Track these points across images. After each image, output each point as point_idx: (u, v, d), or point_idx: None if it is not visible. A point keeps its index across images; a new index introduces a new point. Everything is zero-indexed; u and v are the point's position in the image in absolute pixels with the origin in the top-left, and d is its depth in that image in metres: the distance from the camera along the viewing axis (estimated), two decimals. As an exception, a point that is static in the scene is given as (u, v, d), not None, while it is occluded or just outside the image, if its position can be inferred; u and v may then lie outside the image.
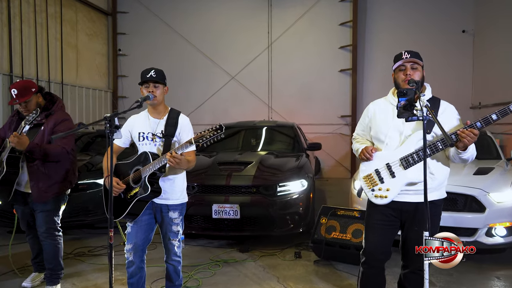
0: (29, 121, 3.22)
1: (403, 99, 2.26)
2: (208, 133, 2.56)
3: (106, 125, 2.40)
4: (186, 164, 2.83)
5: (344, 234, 4.24)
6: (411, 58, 2.67)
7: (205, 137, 2.57)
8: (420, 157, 2.56)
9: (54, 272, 3.63)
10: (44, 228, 3.52)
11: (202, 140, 2.57)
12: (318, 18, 11.37)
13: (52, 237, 3.56)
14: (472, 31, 10.65)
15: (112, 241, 2.49)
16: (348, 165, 11.43)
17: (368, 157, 2.74)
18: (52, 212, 3.54)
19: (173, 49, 11.89)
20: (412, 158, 2.59)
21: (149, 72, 2.92)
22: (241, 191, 4.88)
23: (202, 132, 2.59)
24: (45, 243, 3.56)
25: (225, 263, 4.37)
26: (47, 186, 3.44)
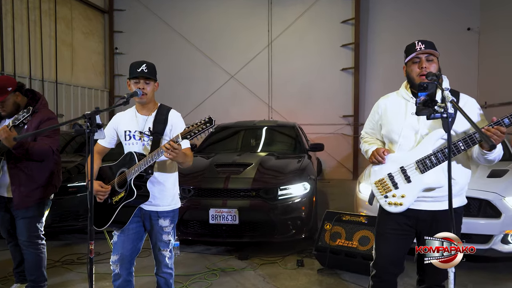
0: (19, 120, 2.92)
1: (423, 94, 1.98)
2: (196, 127, 2.27)
3: (86, 124, 2.12)
4: (183, 157, 2.52)
5: (350, 241, 3.95)
6: (426, 49, 2.37)
7: (193, 131, 2.27)
8: (439, 159, 2.28)
9: (36, 284, 3.33)
10: (25, 236, 3.23)
11: (190, 135, 2.28)
12: (319, 16, 11.10)
13: (34, 246, 3.27)
14: (478, 29, 10.38)
15: (92, 255, 2.20)
16: (350, 166, 11.15)
17: (380, 160, 2.46)
18: (34, 218, 3.25)
19: (172, 48, 11.61)
20: (430, 160, 2.30)
21: (140, 66, 2.64)
22: (240, 195, 4.60)
23: (190, 127, 2.30)
24: (27, 252, 3.28)
25: (222, 272, 4.09)
26: (29, 190, 3.16)
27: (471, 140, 2.19)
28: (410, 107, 2.44)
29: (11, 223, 3.31)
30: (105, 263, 4.32)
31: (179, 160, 2.52)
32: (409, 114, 2.43)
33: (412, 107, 2.42)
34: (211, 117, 2.25)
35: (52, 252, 4.68)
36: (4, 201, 3.23)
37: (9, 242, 3.44)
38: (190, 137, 2.27)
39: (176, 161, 2.53)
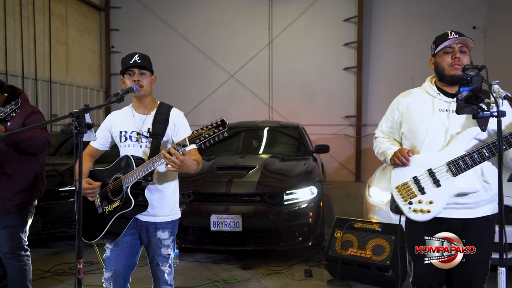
0: (6, 112, 2.64)
1: (465, 89, 1.70)
2: (207, 131, 1.96)
3: (74, 124, 1.83)
4: (193, 165, 2.20)
5: (363, 250, 3.66)
6: (461, 37, 2.10)
7: (203, 136, 1.97)
8: (475, 161, 2.01)
9: None
10: (7, 247, 2.91)
11: (199, 140, 1.98)
12: (321, 14, 10.83)
13: (17, 257, 2.95)
14: (483, 28, 10.14)
15: (81, 276, 1.90)
16: (352, 168, 10.88)
17: (404, 162, 2.18)
18: (16, 227, 2.93)
19: (170, 47, 11.31)
20: (464, 161, 2.03)
21: (132, 57, 2.35)
22: (243, 200, 4.31)
23: (199, 130, 2.00)
24: (8, 265, 2.96)
25: (225, 284, 3.80)
26: (12, 193, 2.86)
27: (507, 142, 1.92)
28: (438, 103, 2.18)
29: None
30: (98, 274, 4.04)
31: (189, 170, 2.18)
32: (437, 111, 2.17)
33: (440, 104, 2.17)
34: (224, 119, 1.95)
35: (42, 261, 4.39)
36: None
37: None
38: (200, 141, 1.96)
39: (182, 171, 2.19)
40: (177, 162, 2.05)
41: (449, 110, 2.11)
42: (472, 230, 2.10)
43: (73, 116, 1.83)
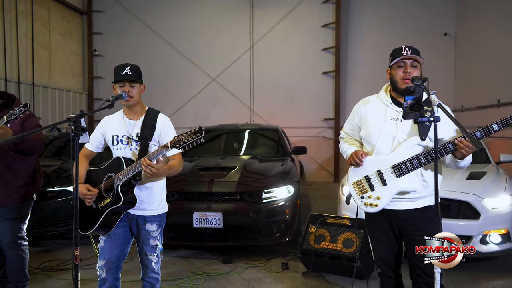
0: (15, 114, 2.85)
1: (410, 97, 2.02)
2: (186, 137, 2.25)
3: (71, 128, 2.08)
4: (166, 172, 2.55)
5: (335, 243, 3.98)
6: (412, 54, 2.43)
7: (183, 141, 2.25)
8: (414, 165, 2.35)
9: (19, 284, 3.31)
10: (9, 238, 3.18)
11: (179, 144, 2.26)
12: (300, 20, 11.19)
13: (18, 247, 3.24)
14: (454, 34, 10.66)
15: (78, 261, 2.15)
16: (331, 169, 11.26)
17: (358, 163, 2.50)
18: (19, 219, 3.22)
19: (152, 50, 11.50)
20: (406, 166, 2.36)
21: (124, 69, 2.60)
22: (224, 199, 4.58)
23: (179, 136, 2.28)
24: (10, 254, 3.23)
25: (207, 276, 4.06)
26: (16, 187, 3.16)
27: (445, 150, 2.26)
28: (389, 112, 2.50)
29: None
30: (87, 269, 4.26)
31: (162, 175, 2.55)
32: (388, 119, 2.49)
33: (391, 112, 2.49)
34: (202, 127, 2.23)
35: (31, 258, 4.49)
36: None
37: None
38: (180, 146, 2.24)
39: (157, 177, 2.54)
40: (153, 170, 2.37)
41: (398, 119, 2.43)
42: (419, 217, 2.43)
43: (70, 121, 2.07)
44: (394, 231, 2.54)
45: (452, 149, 2.21)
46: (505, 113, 2.22)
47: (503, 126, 2.14)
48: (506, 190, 4.31)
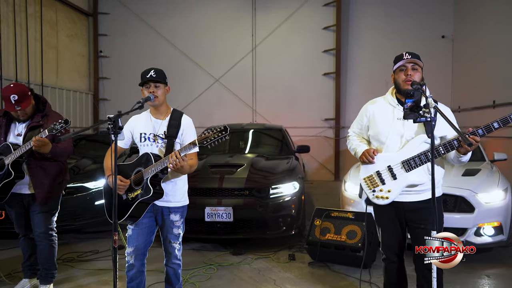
0: (56, 129, 3.06)
1: (409, 100, 2.29)
2: (212, 134, 2.53)
3: (110, 126, 2.35)
4: (187, 169, 2.80)
5: (339, 235, 4.26)
6: (412, 58, 2.71)
7: (209, 138, 2.53)
8: (422, 161, 2.62)
9: (49, 272, 3.61)
10: (42, 229, 3.47)
11: (206, 141, 2.54)
12: (301, 22, 11.46)
13: (49, 237, 3.54)
14: (451, 37, 10.95)
15: (116, 245, 2.42)
16: (332, 168, 11.53)
17: (370, 160, 2.77)
18: (50, 213, 3.52)
19: (156, 51, 11.77)
20: (414, 161, 2.63)
21: (148, 72, 2.88)
22: (234, 194, 4.85)
23: (206, 134, 2.56)
24: (42, 244, 3.52)
25: (219, 266, 4.33)
26: (52, 186, 3.43)
27: (450, 146, 2.54)
28: (397, 112, 2.77)
29: (26, 218, 3.52)
30: (104, 260, 4.53)
31: (183, 172, 2.80)
32: (396, 119, 2.76)
33: (398, 113, 2.76)
34: (227, 126, 2.50)
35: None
36: (21, 198, 3.43)
37: (23, 236, 3.62)
38: (206, 143, 2.52)
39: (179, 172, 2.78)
40: (178, 164, 2.61)
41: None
42: (424, 208, 2.70)
43: (110, 120, 2.34)
44: (401, 221, 2.81)
45: (457, 145, 2.49)
46: (500, 114, 2.48)
47: (503, 124, 2.40)
48: (499, 186, 4.60)
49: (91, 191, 5.35)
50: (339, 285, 3.85)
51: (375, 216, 2.98)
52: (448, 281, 3.92)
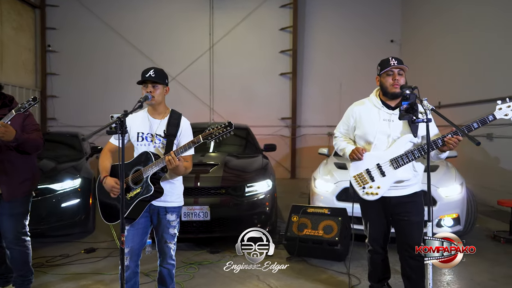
0: (24, 108, 2.92)
1: (405, 102, 2.49)
2: (217, 130, 2.57)
3: (118, 126, 2.32)
4: (183, 170, 2.81)
5: (316, 230, 4.44)
6: (399, 64, 2.92)
7: (214, 134, 2.57)
8: (409, 158, 2.85)
9: (25, 278, 3.41)
10: (13, 234, 3.24)
11: (211, 137, 2.58)
12: (259, 23, 11.63)
13: (22, 242, 3.30)
14: (399, 41, 11.63)
15: (124, 246, 2.40)
16: (288, 166, 11.81)
17: (359, 157, 2.95)
18: (22, 215, 3.30)
19: (110, 48, 11.42)
20: (402, 159, 2.85)
21: (148, 71, 2.85)
22: (210, 193, 4.88)
23: (210, 130, 2.60)
24: (14, 250, 3.28)
25: (200, 265, 4.35)
26: (18, 182, 3.23)
27: (435, 144, 2.78)
28: (382, 114, 2.98)
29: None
30: (77, 264, 4.38)
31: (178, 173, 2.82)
32: (382, 120, 2.97)
33: (383, 114, 2.97)
34: (231, 122, 2.55)
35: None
36: None
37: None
38: (211, 138, 2.56)
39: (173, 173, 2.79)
40: (173, 164, 2.62)
41: (390, 120, 2.92)
42: (408, 201, 2.93)
43: (119, 120, 2.31)
44: (386, 215, 3.03)
45: (441, 144, 2.72)
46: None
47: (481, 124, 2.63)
48: (456, 180, 5.02)
49: (57, 193, 5.12)
50: (320, 278, 4.02)
51: (362, 211, 3.17)
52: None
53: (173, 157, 2.64)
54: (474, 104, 7.77)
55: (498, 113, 2.62)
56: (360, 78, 11.41)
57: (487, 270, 4.19)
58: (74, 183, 5.31)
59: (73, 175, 5.39)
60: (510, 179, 7.04)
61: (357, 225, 4.75)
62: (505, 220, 6.10)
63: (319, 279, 4.00)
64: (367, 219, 3.14)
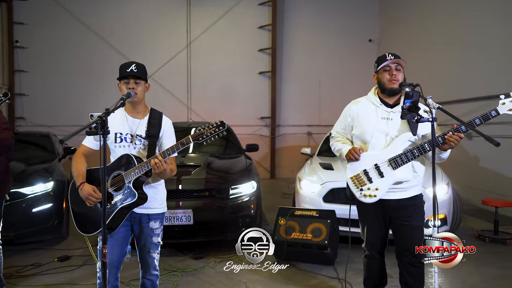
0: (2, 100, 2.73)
1: (408, 101, 2.35)
2: (208, 130, 2.36)
3: (99, 126, 2.08)
4: (169, 173, 2.59)
5: (304, 234, 4.28)
6: (395, 59, 2.78)
7: (205, 134, 2.36)
8: (409, 158, 2.70)
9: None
10: None
11: (202, 138, 2.37)
12: (238, 20, 11.43)
13: None
14: (377, 40, 11.66)
15: (106, 259, 2.16)
16: (267, 166, 11.66)
17: (356, 158, 2.80)
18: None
19: (83, 44, 10.96)
20: (401, 159, 2.71)
21: (129, 66, 2.61)
22: (193, 196, 4.65)
23: (201, 129, 2.38)
24: None
25: (183, 273, 4.12)
26: None
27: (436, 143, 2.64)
28: (380, 112, 2.83)
29: None
30: (50, 274, 4.09)
31: (164, 176, 2.60)
32: (380, 119, 2.82)
33: (381, 112, 2.82)
34: (223, 121, 2.35)
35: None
36: None
37: None
38: (202, 139, 2.35)
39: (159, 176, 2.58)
40: (161, 167, 2.41)
41: (389, 118, 2.77)
42: (409, 205, 2.79)
43: (101, 120, 2.07)
44: (385, 219, 2.88)
45: (441, 142, 2.59)
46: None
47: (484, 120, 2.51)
48: (443, 180, 4.98)
49: (28, 197, 4.78)
50: (310, 283, 3.87)
51: (360, 214, 3.01)
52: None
53: (161, 159, 2.42)
54: (450, 104, 7.82)
55: (502, 108, 2.49)
56: (339, 76, 11.42)
57: (477, 272, 4.14)
58: (46, 186, 4.98)
59: (45, 178, 5.05)
60: (489, 177, 7.10)
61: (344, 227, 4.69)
62: (487, 219, 6.14)
63: (309, 284, 3.85)
64: (364, 223, 2.99)
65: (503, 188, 6.68)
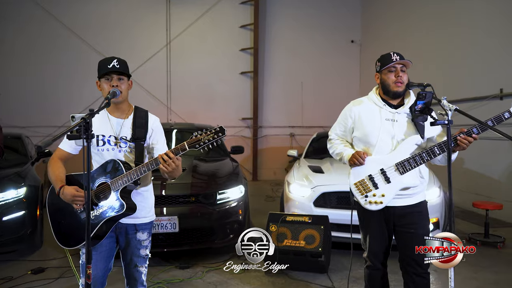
0: None
1: (421, 102, 2.19)
2: (206, 137, 2.14)
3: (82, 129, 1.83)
4: (180, 172, 2.33)
5: (297, 241, 4.09)
6: (401, 60, 2.62)
7: (202, 141, 2.14)
8: (417, 162, 2.54)
9: None
10: None
11: (199, 144, 2.14)
12: (219, 19, 11.19)
13: None
14: (360, 41, 11.63)
15: (90, 281, 1.90)
16: (250, 168, 11.46)
17: (361, 162, 2.63)
18: None
19: (57, 42, 10.47)
20: (409, 163, 2.54)
21: (111, 61, 2.37)
22: (178, 201, 4.39)
23: (198, 135, 2.16)
24: None
25: (169, 284, 3.86)
26: None
27: (445, 146, 2.49)
28: (384, 113, 2.66)
29: None
30: None
31: (173, 175, 2.30)
32: (384, 120, 2.64)
33: (385, 113, 2.65)
34: (223, 126, 2.13)
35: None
36: None
37: None
38: (199, 146, 2.12)
39: (169, 175, 2.28)
40: (173, 165, 2.16)
41: (393, 120, 2.60)
42: (414, 212, 2.64)
43: (84, 121, 1.82)
44: (389, 226, 2.70)
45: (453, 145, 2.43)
46: None
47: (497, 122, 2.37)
48: (435, 184, 4.88)
49: (-3, 204, 4.43)
50: (305, 293, 3.69)
51: (362, 222, 2.83)
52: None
53: (172, 157, 2.16)
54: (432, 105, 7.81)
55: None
56: (320, 77, 11.33)
57: (472, 277, 4.05)
58: (18, 192, 4.62)
59: (16, 184, 4.70)
60: (474, 179, 7.11)
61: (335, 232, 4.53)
62: (477, 222, 6.12)
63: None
64: (367, 231, 2.79)
65: (489, 190, 6.69)
